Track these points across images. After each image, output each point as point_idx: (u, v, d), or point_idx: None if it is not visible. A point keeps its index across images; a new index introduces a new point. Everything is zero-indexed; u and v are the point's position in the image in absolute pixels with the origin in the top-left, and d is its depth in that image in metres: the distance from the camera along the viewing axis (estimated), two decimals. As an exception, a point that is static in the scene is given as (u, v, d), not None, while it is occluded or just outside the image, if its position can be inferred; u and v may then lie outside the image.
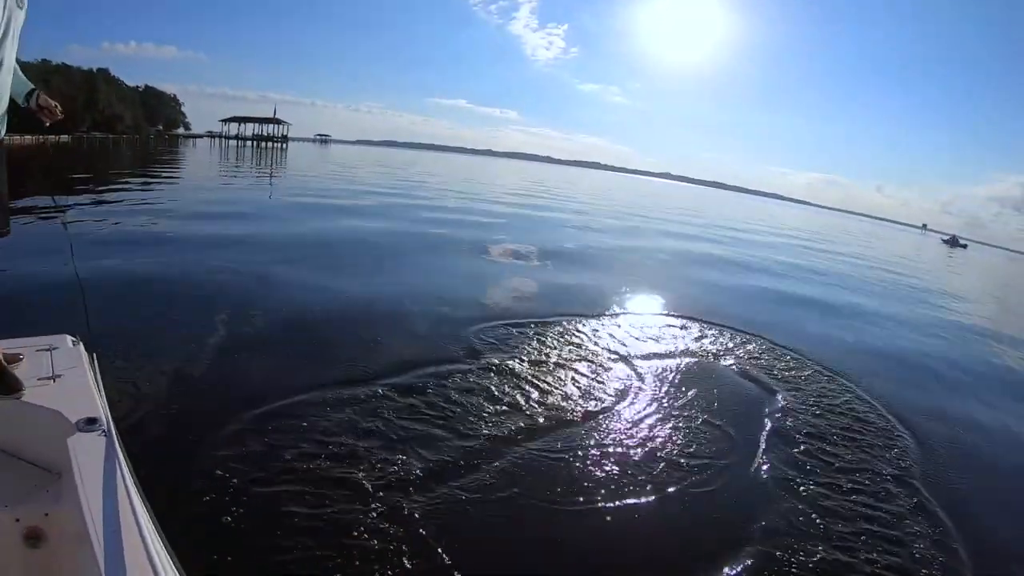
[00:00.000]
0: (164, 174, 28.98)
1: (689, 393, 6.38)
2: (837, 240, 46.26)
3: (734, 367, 7.47)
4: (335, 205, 20.99)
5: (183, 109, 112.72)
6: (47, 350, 2.73)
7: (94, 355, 2.80)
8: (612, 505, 4.24)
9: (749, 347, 8.39)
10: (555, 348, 7.31)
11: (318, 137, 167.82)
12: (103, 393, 2.48)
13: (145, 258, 9.79)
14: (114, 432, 2.17)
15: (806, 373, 7.65)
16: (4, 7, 2.41)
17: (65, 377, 2.54)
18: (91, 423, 2.15)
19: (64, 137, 49.25)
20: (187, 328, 6.53)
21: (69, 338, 2.93)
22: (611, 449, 5.02)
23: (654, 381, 6.63)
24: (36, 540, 2.00)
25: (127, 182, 22.96)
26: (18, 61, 2.70)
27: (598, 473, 4.61)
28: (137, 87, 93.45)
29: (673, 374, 6.90)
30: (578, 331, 8.13)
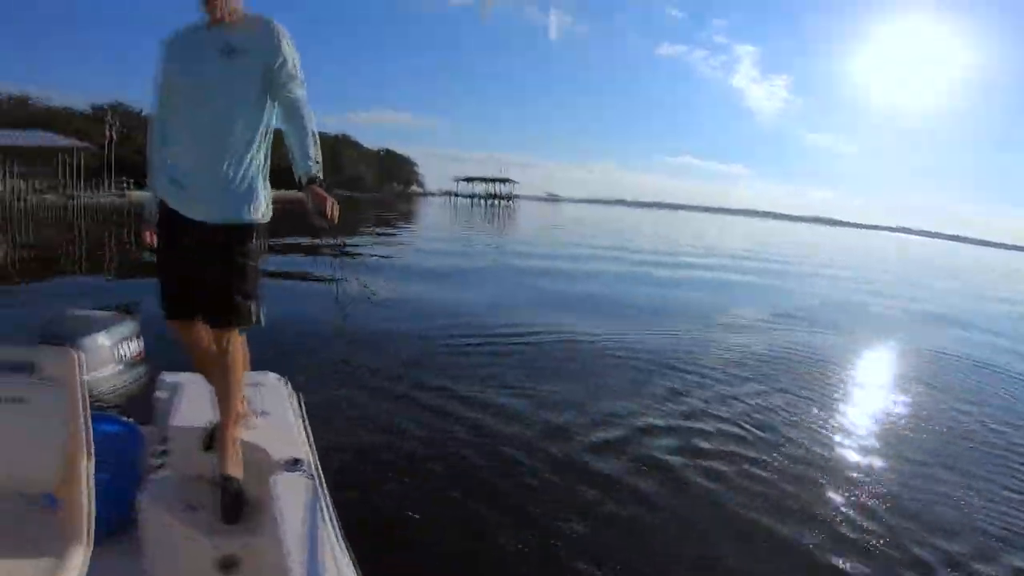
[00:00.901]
0: (400, 231, 31.33)
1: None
2: None
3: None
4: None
5: (419, 170, 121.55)
6: (254, 386, 2.71)
7: (300, 395, 2.80)
8: None
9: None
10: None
11: (548, 196, 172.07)
12: (310, 434, 2.46)
13: (374, 306, 9.77)
14: (319, 474, 2.15)
15: None
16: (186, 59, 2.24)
17: (272, 415, 2.53)
18: (296, 463, 2.12)
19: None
20: (405, 374, 6.39)
21: (275, 376, 2.94)
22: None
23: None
24: (230, 568, 2.00)
25: (368, 235, 25.01)
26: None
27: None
28: (377, 150, 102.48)
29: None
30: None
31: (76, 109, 59.28)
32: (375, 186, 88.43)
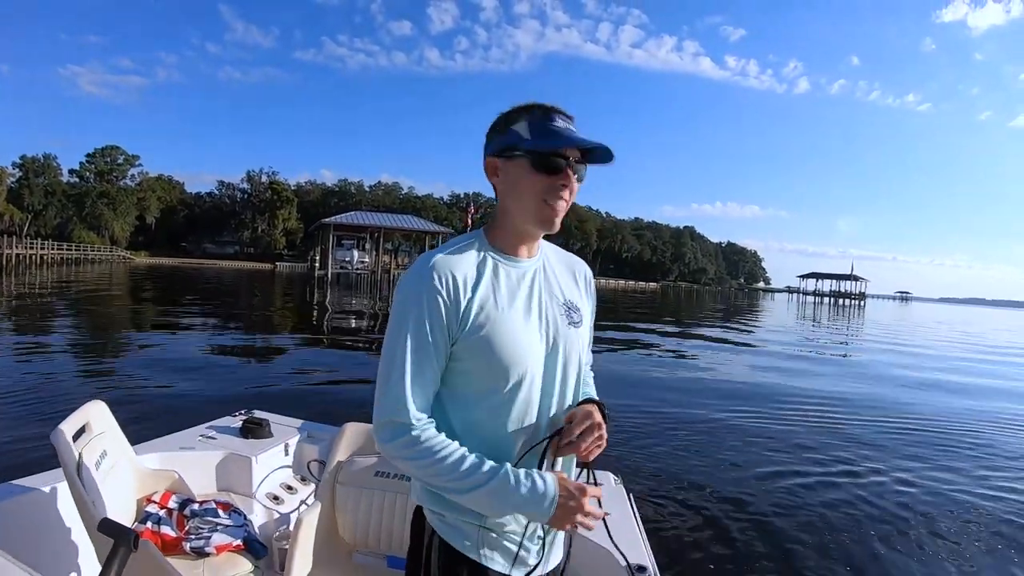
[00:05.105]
0: (744, 324, 29.17)
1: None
2: None
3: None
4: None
5: (763, 265, 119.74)
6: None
7: (630, 494, 2.58)
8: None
9: None
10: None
11: (898, 294, 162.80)
12: (646, 537, 2.23)
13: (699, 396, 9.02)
14: None
15: None
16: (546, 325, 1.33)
17: (613, 517, 1.98)
18: (640, 571, 1.99)
19: (653, 284, 55.73)
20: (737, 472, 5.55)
21: (612, 476, 2.73)
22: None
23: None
24: None
25: (711, 326, 24.24)
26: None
27: None
28: (720, 243, 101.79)
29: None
30: None
31: (438, 196, 67.68)
32: (717, 279, 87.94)
